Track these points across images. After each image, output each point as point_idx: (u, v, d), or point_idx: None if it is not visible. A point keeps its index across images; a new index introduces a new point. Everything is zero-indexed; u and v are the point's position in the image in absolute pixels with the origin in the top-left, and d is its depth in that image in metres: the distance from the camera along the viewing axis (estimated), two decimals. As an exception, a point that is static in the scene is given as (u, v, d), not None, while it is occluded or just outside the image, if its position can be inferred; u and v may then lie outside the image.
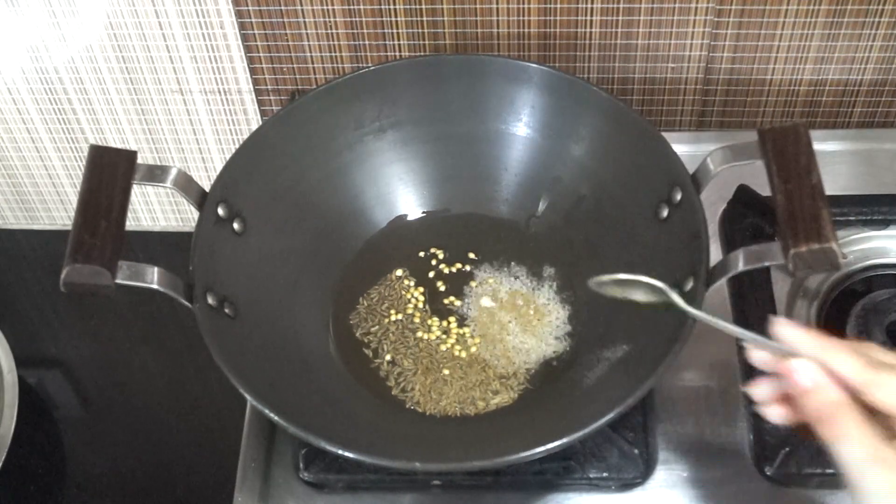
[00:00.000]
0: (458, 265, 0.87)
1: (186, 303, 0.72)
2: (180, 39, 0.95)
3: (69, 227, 0.70)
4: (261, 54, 0.96)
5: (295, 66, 0.97)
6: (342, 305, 0.85)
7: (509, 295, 0.84)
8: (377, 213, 0.89)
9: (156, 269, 0.70)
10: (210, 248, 0.76)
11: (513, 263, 0.86)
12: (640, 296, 0.68)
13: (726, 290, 0.86)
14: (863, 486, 0.52)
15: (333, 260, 0.86)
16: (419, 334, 0.83)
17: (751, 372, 0.80)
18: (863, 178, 0.94)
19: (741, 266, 0.67)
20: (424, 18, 0.92)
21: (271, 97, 1.00)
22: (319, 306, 0.84)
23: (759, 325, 0.81)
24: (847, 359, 0.55)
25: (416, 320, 0.84)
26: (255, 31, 0.94)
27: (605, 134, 0.82)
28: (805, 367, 0.56)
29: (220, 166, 0.85)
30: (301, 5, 0.92)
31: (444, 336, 0.82)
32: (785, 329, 0.58)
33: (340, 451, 0.66)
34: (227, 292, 0.75)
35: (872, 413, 0.54)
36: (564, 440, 0.65)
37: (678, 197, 0.75)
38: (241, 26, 0.94)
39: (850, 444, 0.53)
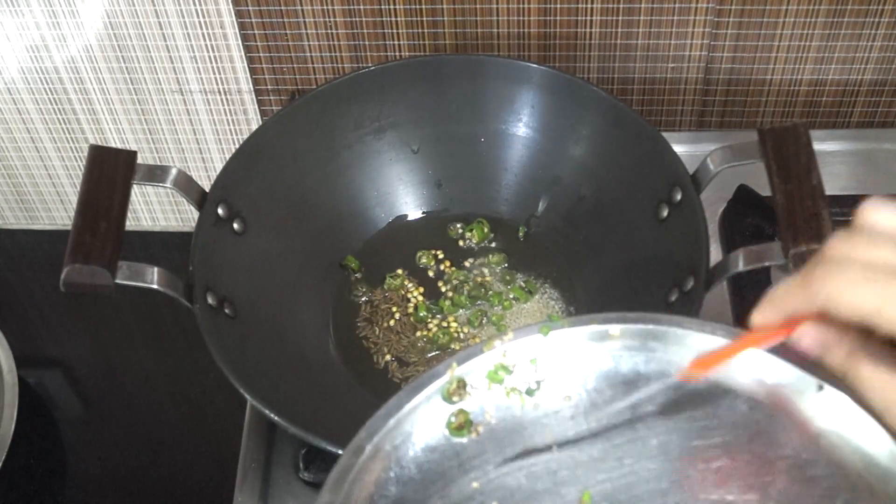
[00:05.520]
0: (458, 265, 0.87)
1: (186, 303, 0.72)
2: (180, 39, 0.95)
3: (69, 227, 0.70)
4: (261, 54, 0.96)
5: (295, 66, 0.97)
6: (342, 305, 0.85)
7: (509, 294, 0.84)
8: (377, 214, 0.89)
9: (156, 269, 0.70)
10: (210, 248, 0.76)
11: (513, 263, 0.86)
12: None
13: (726, 290, 0.85)
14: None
15: (333, 260, 0.86)
16: (419, 334, 0.83)
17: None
18: (863, 178, 0.94)
19: (741, 266, 0.67)
20: (424, 18, 0.92)
21: (271, 97, 1.00)
22: (319, 306, 0.84)
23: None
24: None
25: (417, 320, 0.84)
26: (255, 31, 0.94)
27: (605, 134, 0.82)
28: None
29: (220, 166, 0.85)
30: (301, 5, 0.92)
31: (444, 336, 0.82)
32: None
33: (340, 452, 0.66)
34: (227, 292, 0.75)
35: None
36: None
37: (678, 197, 0.75)
38: (241, 26, 0.94)
39: (871, 392, 0.50)
